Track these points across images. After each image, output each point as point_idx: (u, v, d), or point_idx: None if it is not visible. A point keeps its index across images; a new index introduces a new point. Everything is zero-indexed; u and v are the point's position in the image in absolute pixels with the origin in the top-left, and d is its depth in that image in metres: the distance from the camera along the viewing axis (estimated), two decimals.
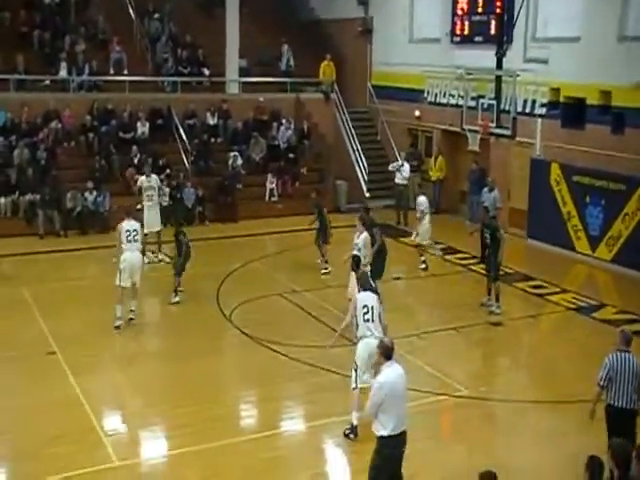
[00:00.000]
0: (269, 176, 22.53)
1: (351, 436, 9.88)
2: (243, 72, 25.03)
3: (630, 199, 17.16)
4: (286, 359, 12.35)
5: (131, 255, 13.47)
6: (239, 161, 22.59)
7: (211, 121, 23.64)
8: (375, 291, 10.58)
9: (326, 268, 16.65)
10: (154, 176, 18.06)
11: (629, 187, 17.17)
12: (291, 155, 23.73)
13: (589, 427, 9.56)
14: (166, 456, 9.76)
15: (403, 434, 7.74)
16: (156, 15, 26.09)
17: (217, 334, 13.80)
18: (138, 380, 11.71)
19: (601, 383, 8.58)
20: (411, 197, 22.15)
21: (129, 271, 13.41)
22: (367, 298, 10.08)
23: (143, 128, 22.54)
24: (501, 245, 14.42)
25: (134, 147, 21.64)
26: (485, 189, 19.08)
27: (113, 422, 10.62)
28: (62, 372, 11.69)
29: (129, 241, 13.45)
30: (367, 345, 9.74)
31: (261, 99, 24.39)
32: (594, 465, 6.52)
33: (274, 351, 12.65)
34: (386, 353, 7.74)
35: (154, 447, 10.01)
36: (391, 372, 7.70)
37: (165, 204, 18.58)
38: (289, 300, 15.18)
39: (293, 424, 10.82)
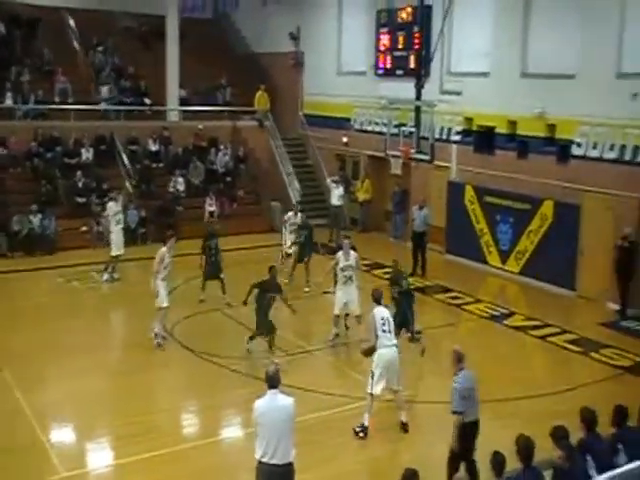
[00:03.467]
0: (208, 198, 22.52)
1: (361, 434, 10.06)
2: (183, 101, 25.04)
3: (534, 217, 17.73)
4: (225, 370, 12.38)
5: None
6: (181, 185, 22.53)
7: (152, 147, 23.53)
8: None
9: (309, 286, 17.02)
10: (120, 200, 18.06)
11: (533, 206, 17.74)
12: (228, 179, 23.81)
13: (503, 423, 9.91)
14: (112, 465, 9.67)
15: (278, 467, 7.29)
16: (100, 48, 25.89)
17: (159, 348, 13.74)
18: (83, 394, 11.52)
19: (459, 409, 8.34)
20: (345, 218, 22.55)
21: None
22: (383, 311, 10.39)
23: (87, 154, 22.32)
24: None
25: (78, 172, 21.40)
26: (415, 207, 19.36)
27: (59, 434, 10.49)
28: (8, 387, 11.48)
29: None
30: (384, 355, 10.06)
31: (200, 127, 24.42)
32: (497, 461, 6.71)
33: (214, 363, 12.67)
34: (268, 382, 7.43)
35: (100, 457, 9.91)
36: (267, 401, 7.38)
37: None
38: (227, 315, 15.21)
39: (233, 431, 10.87)
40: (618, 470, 2.05)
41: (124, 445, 9.93)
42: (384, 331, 10.16)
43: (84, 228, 20.52)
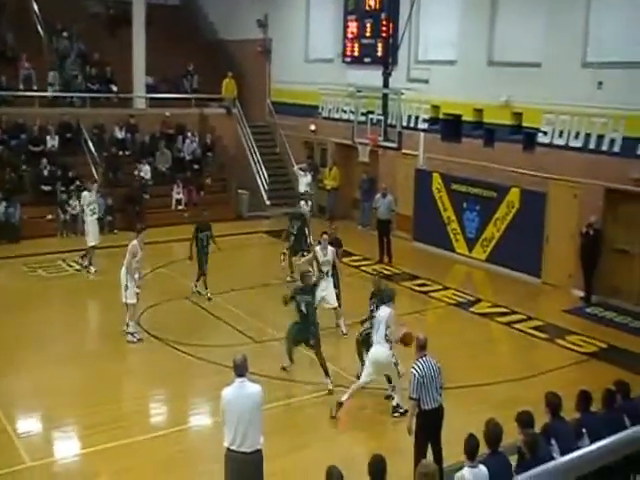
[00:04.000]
0: (175, 186, 22.33)
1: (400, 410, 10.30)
2: (150, 88, 24.74)
3: (500, 205, 17.84)
4: (192, 359, 12.31)
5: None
6: (147, 173, 22.29)
7: (119, 135, 23.23)
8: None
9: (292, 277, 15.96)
10: (94, 190, 17.67)
11: (499, 194, 17.84)
12: (196, 166, 23.60)
13: (471, 408, 9.97)
14: (79, 455, 9.57)
15: (246, 454, 7.32)
16: (65, 34, 25.44)
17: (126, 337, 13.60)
18: (50, 383, 11.37)
19: (414, 396, 8.40)
20: (313, 205, 22.48)
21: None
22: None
23: (53, 141, 21.95)
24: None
25: (44, 160, 21.04)
26: (378, 195, 19.38)
27: (24, 424, 10.33)
28: None
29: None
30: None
31: (167, 114, 24.17)
32: (470, 445, 6.72)
33: (181, 352, 12.58)
34: (236, 370, 7.43)
35: (67, 446, 9.81)
36: (235, 389, 7.40)
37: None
38: (195, 303, 15.11)
39: (201, 420, 10.80)
40: (578, 452, 2.07)
41: (91, 434, 9.81)
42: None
43: (49, 216, 20.22)
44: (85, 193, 17.51)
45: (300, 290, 11.47)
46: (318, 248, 13.85)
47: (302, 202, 18.69)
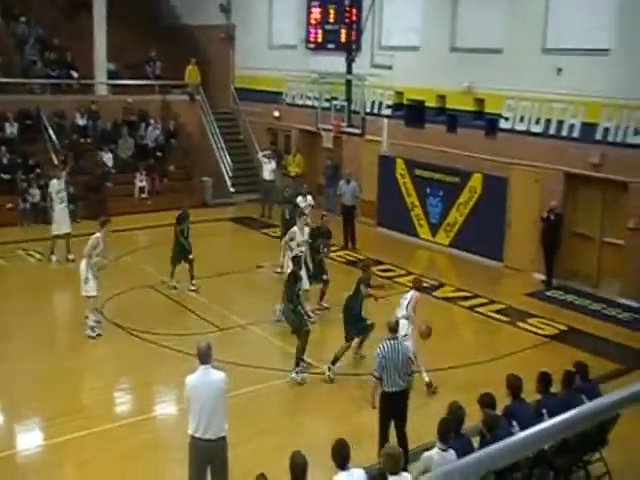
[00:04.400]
0: (138, 174, 22.11)
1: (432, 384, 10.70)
2: (112, 75, 24.39)
3: (463, 190, 18.00)
4: (157, 347, 12.24)
5: None
6: (110, 161, 22.03)
7: (80, 122, 22.88)
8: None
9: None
10: (63, 177, 17.23)
11: (462, 180, 18.00)
12: (159, 154, 23.38)
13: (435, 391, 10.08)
14: (42, 446, 9.52)
15: (211, 441, 7.31)
16: (22, 18, 24.94)
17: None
18: (12, 374, 11.25)
19: (376, 374, 8.54)
20: (278, 192, 22.44)
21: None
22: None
23: (12, 128, 21.58)
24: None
25: (3, 147, 20.67)
26: (342, 181, 19.39)
27: None
28: None
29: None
30: None
31: (129, 100, 23.87)
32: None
33: (145, 340, 12.51)
34: (200, 358, 7.42)
35: (30, 438, 9.74)
36: (199, 376, 7.40)
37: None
38: (159, 291, 15.00)
39: (166, 408, 10.78)
40: (534, 428, 2.12)
41: (54, 425, 9.75)
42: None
43: (9, 205, 19.91)
44: (54, 181, 17.00)
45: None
46: (295, 228, 13.91)
47: (300, 198, 17.18)
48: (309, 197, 17.39)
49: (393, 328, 8.81)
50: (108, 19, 23.78)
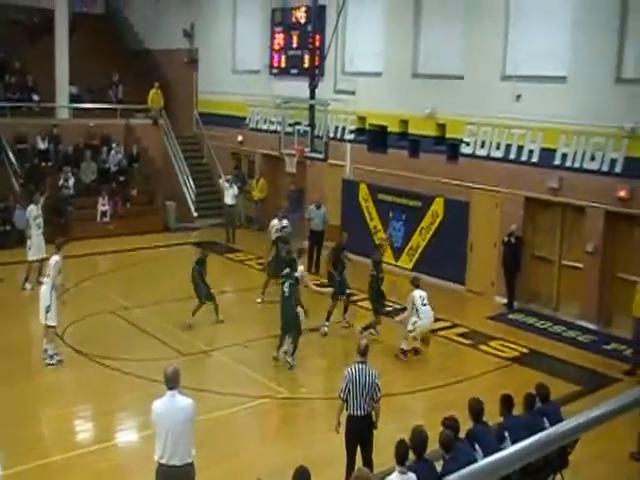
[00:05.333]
0: (100, 198, 21.93)
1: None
2: (74, 98, 24.26)
3: (425, 215, 18.19)
4: (119, 373, 12.10)
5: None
6: (70, 183, 21.81)
7: (42, 145, 22.70)
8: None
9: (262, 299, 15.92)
10: (40, 203, 16.91)
11: (424, 204, 18.17)
12: (121, 178, 23.25)
13: (394, 417, 10.09)
14: (2, 476, 9.28)
15: (177, 468, 7.21)
16: None
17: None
18: None
19: (342, 396, 8.54)
20: (241, 216, 22.45)
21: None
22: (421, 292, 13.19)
23: None
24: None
25: None
26: (312, 206, 19.39)
27: None
28: None
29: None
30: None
31: (92, 124, 23.74)
32: (399, 450, 6.75)
33: (107, 367, 12.35)
34: (167, 383, 7.31)
35: None
36: (166, 402, 7.30)
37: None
38: (121, 317, 14.84)
39: (129, 435, 10.65)
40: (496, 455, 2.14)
41: (16, 454, 9.54)
42: (424, 304, 13.07)
43: None
44: (32, 206, 16.67)
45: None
46: (275, 220, 15.40)
47: (275, 221, 17.61)
48: (285, 221, 17.62)
49: (362, 352, 8.83)
50: (70, 43, 23.72)
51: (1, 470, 9.26)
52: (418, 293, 13.23)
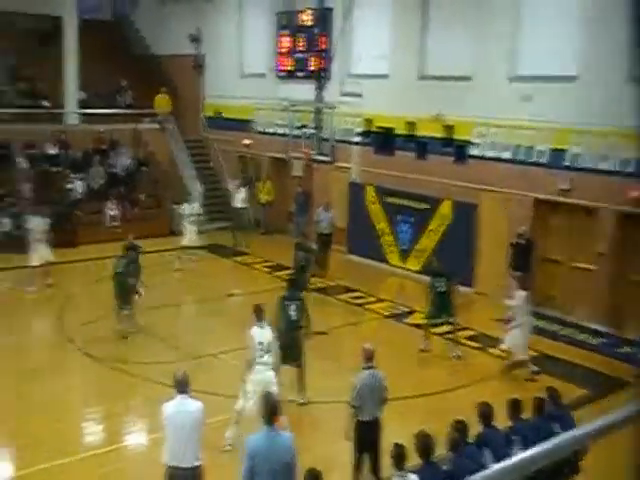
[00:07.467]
0: (109, 202, 21.84)
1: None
2: (83, 104, 24.23)
3: (433, 217, 17.99)
4: (128, 376, 11.97)
5: None
6: (79, 188, 21.76)
7: (51, 151, 22.65)
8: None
9: None
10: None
11: (432, 206, 17.98)
12: (129, 182, 23.15)
13: (402, 421, 9.91)
14: (10, 477, 9.14)
15: (186, 470, 7.25)
16: None
17: (59, 354, 13.22)
18: None
19: (354, 403, 8.36)
20: (250, 220, 22.29)
21: None
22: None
23: None
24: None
25: None
26: (320, 209, 19.21)
27: None
28: None
29: None
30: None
31: (100, 130, 23.68)
32: (396, 453, 6.62)
33: (116, 369, 12.23)
34: (177, 387, 7.36)
35: None
36: (175, 405, 7.32)
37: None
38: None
39: (137, 437, 10.54)
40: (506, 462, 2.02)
41: (22, 456, 9.48)
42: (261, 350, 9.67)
43: None
44: (39, 218, 16.89)
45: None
46: None
47: (300, 252, 16.65)
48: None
49: (369, 356, 8.63)
50: (79, 49, 23.68)
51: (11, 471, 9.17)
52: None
